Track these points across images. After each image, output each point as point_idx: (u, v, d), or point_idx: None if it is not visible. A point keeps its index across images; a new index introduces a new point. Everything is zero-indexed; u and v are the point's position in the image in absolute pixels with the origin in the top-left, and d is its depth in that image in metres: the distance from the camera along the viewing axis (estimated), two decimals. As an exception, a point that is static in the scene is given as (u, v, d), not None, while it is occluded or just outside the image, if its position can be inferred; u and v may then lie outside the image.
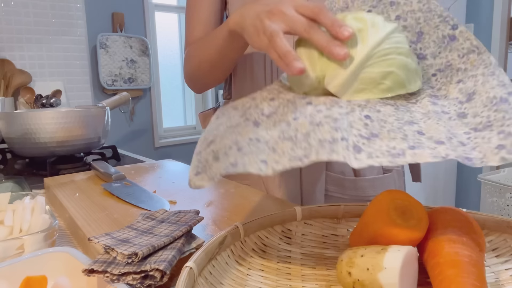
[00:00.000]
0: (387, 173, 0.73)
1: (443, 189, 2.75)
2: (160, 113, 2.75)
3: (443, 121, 0.36)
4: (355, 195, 0.71)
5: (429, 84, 0.44)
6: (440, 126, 0.35)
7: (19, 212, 0.47)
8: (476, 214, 0.39)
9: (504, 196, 1.97)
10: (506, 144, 0.32)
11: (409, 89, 0.41)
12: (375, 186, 0.71)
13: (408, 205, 0.36)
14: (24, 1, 1.75)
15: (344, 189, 0.70)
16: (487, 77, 0.39)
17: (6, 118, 0.92)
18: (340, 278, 0.35)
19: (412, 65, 0.41)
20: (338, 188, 0.71)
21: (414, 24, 0.45)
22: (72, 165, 0.96)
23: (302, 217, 0.43)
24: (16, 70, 1.72)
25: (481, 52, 0.42)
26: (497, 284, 0.35)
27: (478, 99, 0.37)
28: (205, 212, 0.54)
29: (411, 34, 0.45)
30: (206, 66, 0.66)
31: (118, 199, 0.59)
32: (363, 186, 0.70)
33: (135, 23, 2.50)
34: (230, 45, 0.59)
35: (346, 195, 0.71)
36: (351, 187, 0.70)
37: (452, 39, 0.43)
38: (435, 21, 0.44)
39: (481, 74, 0.40)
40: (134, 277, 0.34)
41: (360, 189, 0.70)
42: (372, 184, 0.71)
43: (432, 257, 0.33)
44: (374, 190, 0.71)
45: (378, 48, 0.39)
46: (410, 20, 0.45)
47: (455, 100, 0.39)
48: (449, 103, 0.39)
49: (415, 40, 0.45)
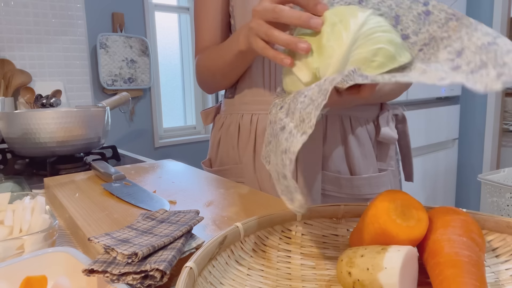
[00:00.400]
0: (382, 172, 0.74)
1: (443, 189, 2.75)
2: (160, 113, 2.75)
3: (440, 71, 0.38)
4: (351, 193, 0.71)
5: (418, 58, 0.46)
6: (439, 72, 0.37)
7: (19, 212, 0.47)
8: (476, 214, 0.39)
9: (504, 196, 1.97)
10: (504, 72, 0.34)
11: (400, 61, 0.42)
12: (371, 184, 0.72)
13: (408, 205, 0.36)
14: (24, 1, 1.75)
15: (341, 187, 0.71)
16: (472, 32, 0.41)
17: (6, 118, 0.92)
18: (340, 278, 0.35)
19: (398, 39, 0.43)
20: (334, 187, 0.71)
21: (388, 11, 0.47)
22: (72, 165, 0.96)
23: (302, 217, 0.43)
24: (16, 70, 1.72)
25: (459, 18, 0.43)
26: (497, 284, 0.35)
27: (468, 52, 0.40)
28: (205, 212, 0.54)
29: (388, 19, 0.47)
30: (219, 76, 0.75)
31: (118, 199, 0.59)
32: (359, 185, 0.71)
33: (135, 23, 2.50)
34: (241, 60, 0.68)
35: (343, 194, 0.72)
36: (347, 185, 0.71)
37: (427, 14, 0.45)
38: (406, 3, 0.47)
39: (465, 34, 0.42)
40: (134, 277, 0.34)
41: (356, 187, 0.71)
42: (367, 183, 0.72)
43: (432, 257, 0.33)
44: (370, 188, 0.72)
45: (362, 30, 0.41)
46: (384, 8, 0.47)
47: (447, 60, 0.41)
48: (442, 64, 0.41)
49: (394, 24, 0.47)
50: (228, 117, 0.80)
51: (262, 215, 0.41)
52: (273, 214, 0.42)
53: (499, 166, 2.69)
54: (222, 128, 0.81)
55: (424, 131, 2.51)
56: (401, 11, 0.46)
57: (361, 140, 0.72)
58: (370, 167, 0.73)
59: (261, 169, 0.74)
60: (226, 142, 0.80)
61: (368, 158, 0.73)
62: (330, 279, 0.39)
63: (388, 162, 0.75)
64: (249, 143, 0.75)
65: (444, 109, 2.62)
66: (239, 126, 0.77)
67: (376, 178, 0.72)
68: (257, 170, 0.75)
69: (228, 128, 0.80)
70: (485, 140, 2.68)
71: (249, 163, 0.76)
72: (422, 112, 2.47)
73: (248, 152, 0.75)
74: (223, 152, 0.81)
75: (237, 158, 0.79)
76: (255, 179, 0.75)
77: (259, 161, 0.75)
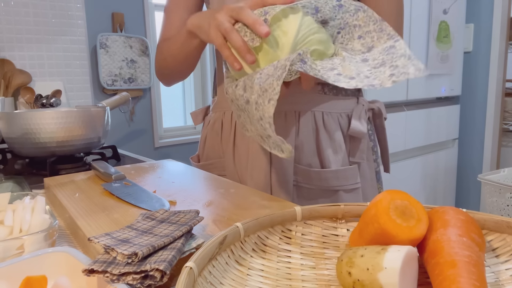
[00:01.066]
0: (352, 166, 0.77)
1: (443, 189, 2.75)
2: (160, 113, 2.75)
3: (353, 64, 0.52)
4: (320, 185, 0.76)
5: (338, 40, 0.58)
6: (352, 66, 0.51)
7: (19, 212, 0.47)
8: (476, 214, 0.39)
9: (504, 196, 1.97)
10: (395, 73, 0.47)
11: (328, 54, 0.56)
12: (338, 177, 0.76)
13: (408, 205, 0.36)
14: (24, 1, 1.75)
15: (311, 180, 0.76)
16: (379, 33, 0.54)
17: (6, 118, 0.92)
18: (340, 278, 0.35)
19: (324, 37, 0.55)
20: (305, 179, 0.76)
21: (309, 4, 0.56)
22: (72, 165, 0.96)
23: (302, 217, 0.43)
24: (16, 70, 1.72)
25: (365, 10, 0.56)
26: (497, 284, 0.35)
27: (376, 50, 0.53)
28: (205, 212, 0.54)
29: (310, 10, 0.56)
30: (170, 61, 0.79)
31: (118, 199, 0.59)
32: (327, 177, 0.75)
33: (135, 23, 2.50)
34: (189, 43, 0.72)
35: (313, 185, 0.76)
36: (317, 178, 0.75)
37: (340, 6, 0.57)
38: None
39: (373, 31, 0.55)
40: (134, 277, 0.34)
41: (324, 180, 0.75)
42: (335, 176, 0.75)
43: (432, 257, 0.33)
44: (337, 181, 0.76)
45: (298, 36, 0.53)
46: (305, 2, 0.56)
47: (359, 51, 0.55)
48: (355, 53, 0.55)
49: (315, 13, 0.56)
50: (213, 115, 0.85)
51: (262, 215, 0.41)
52: (273, 214, 0.42)
53: (499, 166, 2.69)
54: (208, 125, 0.86)
55: (424, 131, 2.51)
56: (320, 4, 0.56)
57: (332, 134, 0.76)
58: (340, 161, 0.76)
59: (240, 162, 0.79)
60: (211, 138, 0.85)
61: (338, 152, 0.76)
62: (330, 279, 0.39)
63: (359, 155, 0.78)
64: (230, 138, 0.80)
65: (444, 109, 2.62)
66: (222, 122, 0.82)
67: (343, 172, 0.76)
68: (236, 163, 0.80)
69: (213, 125, 0.84)
70: (485, 140, 2.68)
71: (229, 157, 0.81)
72: (422, 112, 2.47)
73: (229, 147, 0.80)
74: (209, 147, 0.86)
75: (221, 153, 0.83)
76: (235, 172, 0.80)
77: (239, 154, 0.79)
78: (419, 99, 2.48)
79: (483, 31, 2.61)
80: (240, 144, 0.79)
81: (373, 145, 0.84)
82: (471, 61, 2.70)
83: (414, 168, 2.50)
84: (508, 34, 2.55)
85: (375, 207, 0.37)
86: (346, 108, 0.78)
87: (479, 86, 2.67)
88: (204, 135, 0.88)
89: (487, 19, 2.58)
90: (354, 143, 0.78)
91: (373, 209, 0.37)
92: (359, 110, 0.78)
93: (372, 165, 0.82)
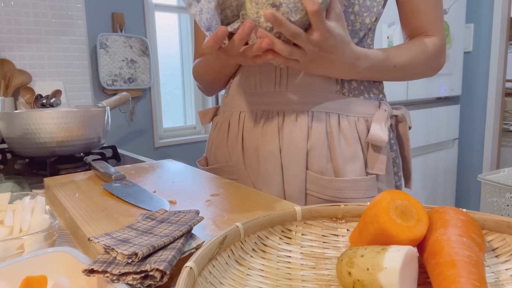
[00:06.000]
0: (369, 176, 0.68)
1: (443, 189, 2.75)
2: (160, 113, 2.75)
3: None
4: (334, 196, 0.67)
5: None
6: None
7: (19, 212, 0.47)
8: (476, 214, 0.39)
9: (504, 196, 1.97)
10: None
11: None
12: (354, 188, 0.67)
13: (408, 205, 0.36)
14: (24, 1, 1.75)
15: (322, 189, 0.68)
16: None
17: (6, 118, 0.92)
18: (340, 278, 0.35)
19: None
20: (316, 187, 0.69)
21: None
22: (72, 165, 0.96)
23: (302, 217, 0.43)
24: (16, 70, 1.72)
25: None
26: (497, 284, 0.35)
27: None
28: (205, 212, 0.54)
29: None
30: (209, 78, 0.82)
31: (118, 199, 0.59)
32: (341, 187, 0.67)
33: (135, 23, 2.50)
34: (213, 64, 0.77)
35: (325, 195, 0.68)
36: (329, 187, 0.68)
37: None
38: None
39: None
40: (134, 277, 0.34)
41: (337, 190, 0.67)
42: (350, 186, 0.67)
43: (432, 257, 0.33)
44: (352, 192, 0.67)
45: None
46: None
47: None
48: None
49: None
50: (221, 116, 0.82)
51: (262, 215, 0.41)
52: (273, 214, 0.42)
53: (499, 166, 2.69)
54: (216, 127, 0.83)
55: (424, 131, 2.51)
56: None
57: (348, 140, 0.68)
58: (355, 170, 0.68)
59: (251, 166, 0.74)
60: (218, 140, 0.82)
61: (354, 160, 0.68)
62: (330, 279, 0.39)
63: (378, 167, 0.68)
64: (237, 141, 0.76)
65: (444, 109, 2.62)
66: (229, 124, 0.78)
67: (359, 182, 0.67)
68: (247, 167, 0.75)
69: (221, 126, 0.81)
70: (485, 140, 2.68)
71: (239, 161, 0.76)
72: (422, 112, 2.47)
73: (237, 150, 0.76)
74: (217, 150, 0.82)
75: (227, 156, 0.79)
76: (247, 176, 0.75)
77: (249, 158, 0.75)
78: (419, 99, 2.48)
79: (483, 31, 2.61)
80: (249, 147, 0.74)
81: (395, 156, 0.75)
82: (471, 61, 2.70)
83: (414, 168, 2.50)
84: (508, 34, 2.56)
85: (375, 207, 0.37)
86: (365, 111, 0.69)
87: (479, 86, 2.67)
88: (212, 137, 0.84)
89: (487, 19, 2.58)
90: (373, 152, 0.68)
91: (373, 209, 0.37)
92: (380, 115, 0.68)
93: (392, 179, 0.73)
